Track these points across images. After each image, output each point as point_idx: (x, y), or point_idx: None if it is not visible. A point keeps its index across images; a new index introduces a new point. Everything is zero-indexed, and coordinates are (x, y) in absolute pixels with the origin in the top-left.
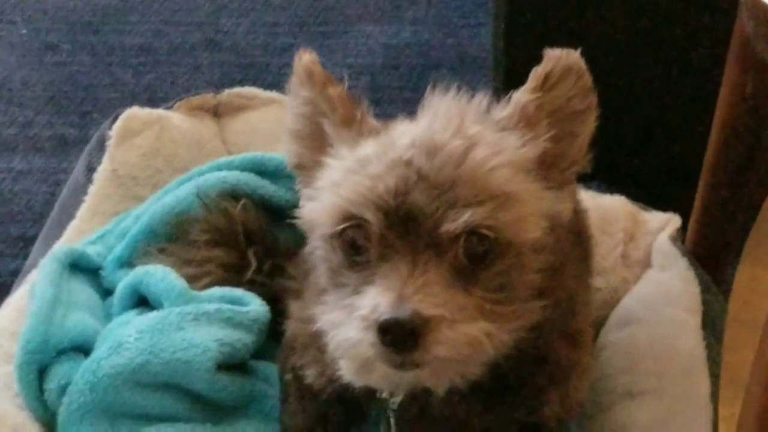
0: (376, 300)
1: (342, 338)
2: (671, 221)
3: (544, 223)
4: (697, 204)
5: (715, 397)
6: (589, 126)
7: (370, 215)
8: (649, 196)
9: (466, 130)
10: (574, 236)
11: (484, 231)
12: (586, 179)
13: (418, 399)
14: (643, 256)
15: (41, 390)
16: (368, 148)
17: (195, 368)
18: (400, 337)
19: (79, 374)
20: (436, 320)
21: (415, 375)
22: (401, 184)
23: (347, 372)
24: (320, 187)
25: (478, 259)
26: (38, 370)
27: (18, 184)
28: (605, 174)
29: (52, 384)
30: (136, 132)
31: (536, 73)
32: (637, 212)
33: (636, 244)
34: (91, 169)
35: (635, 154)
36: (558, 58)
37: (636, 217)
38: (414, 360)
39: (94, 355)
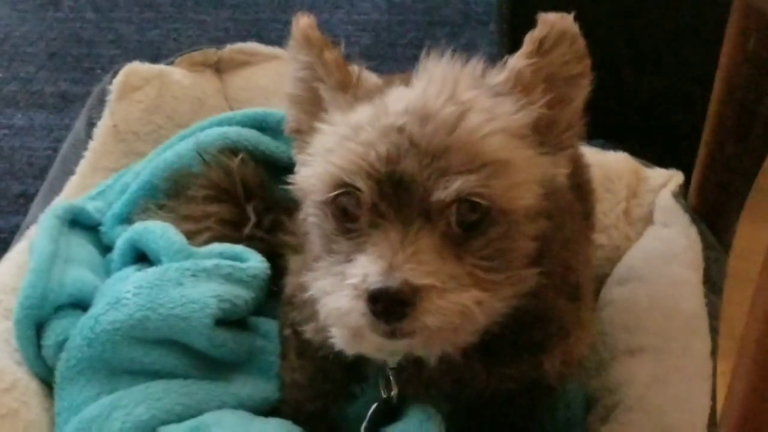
0: (367, 268)
1: (333, 307)
2: (674, 178)
3: (538, 190)
4: (699, 161)
5: (715, 353)
6: (583, 90)
7: (361, 183)
8: (652, 154)
9: (460, 96)
10: (576, 191)
11: (477, 199)
12: (589, 137)
13: (416, 360)
14: (645, 213)
15: (39, 346)
16: (361, 113)
17: (193, 324)
18: (390, 306)
19: (77, 330)
20: (426, 289)
21: (406, 344)
22: (393, 152)
23: (339, 340)
24: (313, 153)
25: (470, 226)
26: (36, 325)
27: (19, 140)
28: (608, 131)
29: (50, 340)
30: (137, 87)
31: (531, 38)
32: (640, 169)
33: (638, 200)
34: (91, 125)
35: (637, 112)
36: (552, 23)
37: (639, 174)
38: (404, 329)
39: (92, 311)
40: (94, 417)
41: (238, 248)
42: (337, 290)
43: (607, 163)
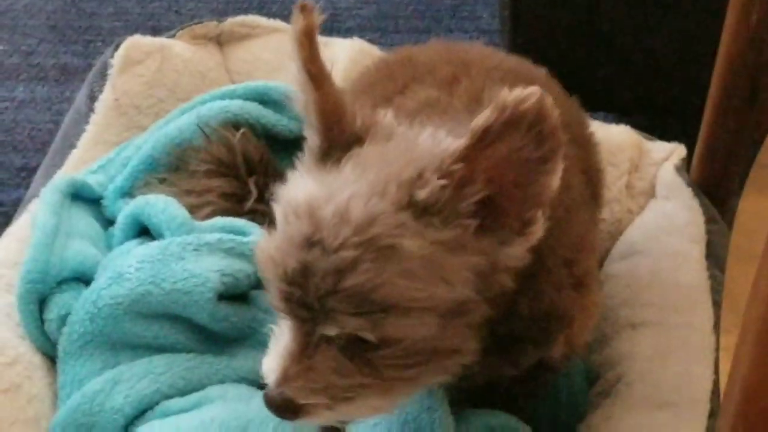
0: (268, 365)
1: None
2: (676, 151)
3: (453, 304)
4: (702, 134)
5: (717, 327)
6: (545, 176)
7: (271, 287)
8: (654, 127)
9: (368, 229)
10: (587, 174)
11: (365, 336)
12: (591, 110)
13: None
14: (647, 187)
15: (42, 320)
16: (304, 191)
17: (196, 298)
18: (280, 414)
19: (79, 304)
20: (312, 405)
21: None
22: (296, 272)
23: None
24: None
25: (369, 347)
26: (39, 300)
27: (20, 113)
28: (610, 105)
29: (52, 314)
30: (138, 61)
31: (475, 127)
32: (642, 142)
33: (640, 174)
34: (92, 98)
35: (639, 85)
36: (506, 107)
37: (641, 147)
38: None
39: (94, 285)
40: (97, 391)
41: (240, 222)
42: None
43: (609, 137)
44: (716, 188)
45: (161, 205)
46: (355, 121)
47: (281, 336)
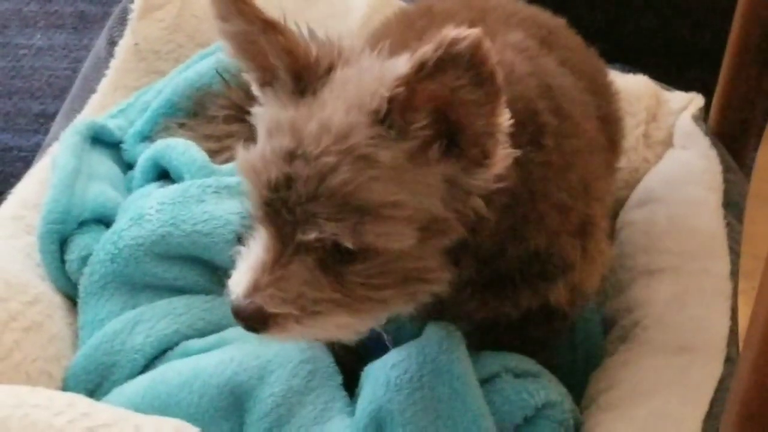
0: (237, 278)
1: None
2: (694, 101)
3: (429, 220)
4: (721, 84)
5: (734, 275)
6: (483, 119)
7: (254, 196)
8: (672, 77)
9: (346, 139)
10: (602, 121)
11: (344, 243)
12: (608, 61)
13: None
14: (665, 136)
15: (62, 261)
16: (285, 113)
17: (216, 240)
18: (244, 323)
19: (100, 245)
20: (282, 316)
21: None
22: (279, 180)
23: None
24: (258, 123)
25: (345, 258)
26: (59, 240)
27: (39, 60)
28: (627, 55)
29: (73, 255)
30: (158, 6)
31: (414, 59)
32: (660, 92)
33: (658, 123)
34: (112, 43)
35: (657, 34)
36: (444, 43)
37: (658, 97)
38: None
39: (115, 227)
40: (117, 331)
41: None
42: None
43: (627, 86)
44: (734, 139)
45: (181, 148)
46: (313, 53)
47: (253, 250)
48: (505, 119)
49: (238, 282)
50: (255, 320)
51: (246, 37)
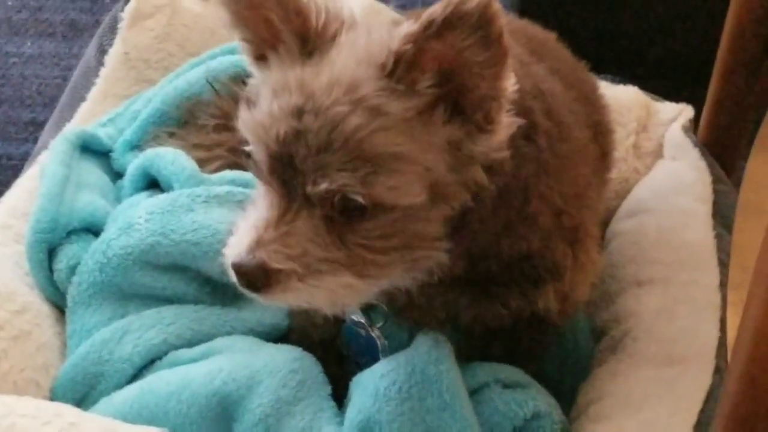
0: (240, 235)
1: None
2: (684, 112)
3: (437, 178)
4: (710, 95)
5: (723, 286)
6: (489, 81)
7: (259, 153)
8: (662, 88)
9: (356, 90)
10: (593, 131)
11: (354, 196)
12: (598, 71)
13: (399, 293)
14: (654, 147)
15: (51, 270)
16: (293, 73)
17: (205, 250)
18: (244, 281)
19: (88, 254)
20: (284, 273)
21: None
22: (287, 135)
23: None
24: (261, 87)
25: (353, 215)
26: (48, 249)
27: (28, 68)
28: (618, 66)
29: (61, 264)
30: (148, 15)
31: (422, 17)
32: (650, 103)
33: (648, 134)
34: (102, 52)
35: (647, 46)
36: (454, 2)
37: (648, 108)
38: (266, 298)
39: (104, 236)
40: (106, 340)
41: (249, 175)
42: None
43: (617, 97)
44: (723, 150)
45: (170, 157)
46: (321, 17)
47: (255, 210)
48: (510, 83)
49: (239, 241)
50: (257, 276)
51: (248, 4)
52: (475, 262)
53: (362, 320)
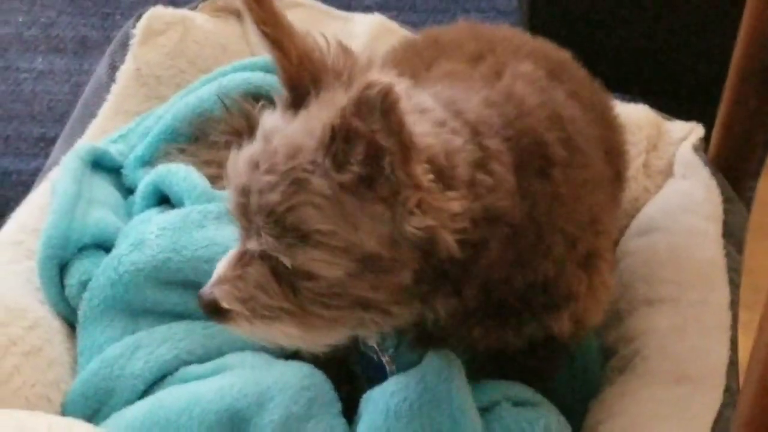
0: (217, 267)
1: None
2: (694, 131)
3: (363, 253)
4: (721, 114)
5: (734, 305)
6: (399, 167)
7: (230, 194)
8: (673, 107)
9: (290, 161)
10: (608, 154)
11: (285, 261)
12: (609, 90)
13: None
14: (665, 166)
15: (62, 286)
16: (272, 122)
17: (216, 266)
18: (206, 311)
19: (100, 270)
20: (232, 313)
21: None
22: (243, 187)
23: None
24: None
25: (293, 274)
26: (59, 265)
27: (39, 84)
28: (628, 84)
29: (72, 280)
30: (160, 32)
31: (349, 94)
32: (660, 122)
33: (658, 153)
34: (114, 68)
35: (658, 65)
36: (361, 86)
37: (659, 127)
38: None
39: (115, 252)
40: (117, 356)
41: None
42: None
43: (627, 115)
44: (734, 169)
45: (182, 174)
46: (325, 67)
47: (232, 249)
48: (421, 172)
49: (215, 272)
50: (210, 311)
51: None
52: (488, 293)
53: (374, 345)
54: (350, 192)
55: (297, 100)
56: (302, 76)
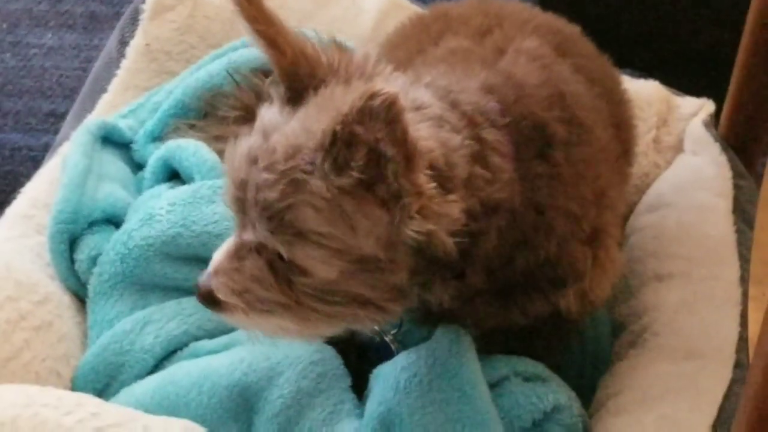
0: (215, 255)
1: None
2: (704, 106)
3: (359, 255)
4: (732, 89)
5: (744, 281)
6: (402, 176)
7: (227, 186)
8: (683, 83)
9: (289, 161)
10: (615, 129)
11: (282, 253)
12: (619, 66)
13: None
14: (675, 141)
15: (72, 260)
16: (270, 117)
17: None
18: (203, 301)
19: (110, 245)
20: (229, 305)
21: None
22: (242, 181)
23: None
24: None
25: (290, 269)
26: (69, 240)
27: (49, 60)
28: (639, 61)
29: (82, 254)
30: (170, 7)
31: (352, 100)
32: (671, 97)
33: (668, 129)
34: (123, 43)
35: (668, 40)
36: (365, 95)
37: (669, 102)
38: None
39: (125, 227)
40: (127, 331)
41: None
42: None
43: (637, 92)
44: (744, 145)
45: (192, 149)
46: (321, 63)
47: (228, 239)
48: (423, 181)
49: (212, 262)
50: (207, 302)
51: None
52: (492, 274)
53: (375, 327)
54: (349, 195)
55: (294, 96)
56: (298, 72)
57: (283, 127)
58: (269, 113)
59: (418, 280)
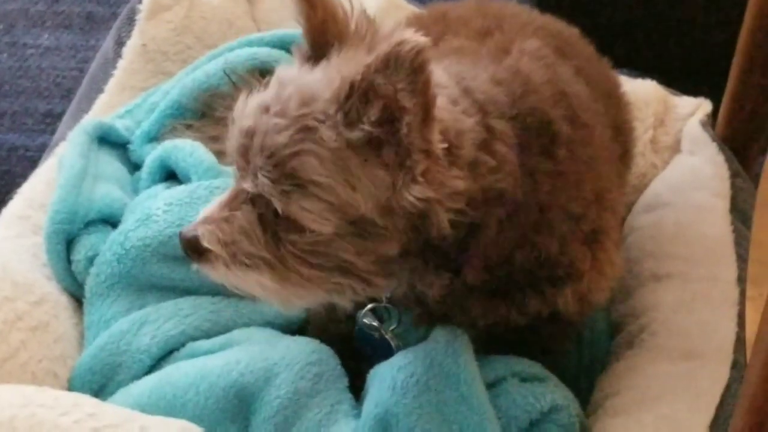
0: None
1: None
2: (702, 106)
3: (355, 215)
4: (729, 89)
5: (742, 281)
6: (416, 131)
7: (230, 140)
8: (680, 82)
9: (302, 108)
10: (614, 131)
11: (277, 206)
12: (617, 66)
13: (411, 295)
14: (672, 142)
15: (69, 261)
16: (288, 72)
17: None
18: (185, 249)
19: (107, 246)
20: (213, 254)
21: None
22: (248, 129)
23: None
24: None
25: (280, 224)
26: (66, 240)
27: (46, 60)
28: (636, 60)
29: (79, 255)
30: (166, 7)
31: (376, 52)
32: (668, 97)
33: (666, 129)
34: (120, 44)
35: (666, 41)
36: (393, 42)
37: (666, 102)
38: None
39: (122, 227)
40: (124, 332)
41: None
42: None
43: (635, 91)
44: (741, 145)
45: (188, 149)
46: (348, 28)
47: (226, 190)
48: (436, 139)
49: (202, 212)
50: (190, 248)
51: None
52: (491, 270)
53: (375, 323)
54: (356, 151)
55: (317, 55)
56: (325, 32)
57: (301, 78)
58: (287, 71)
59: (409, 262)
